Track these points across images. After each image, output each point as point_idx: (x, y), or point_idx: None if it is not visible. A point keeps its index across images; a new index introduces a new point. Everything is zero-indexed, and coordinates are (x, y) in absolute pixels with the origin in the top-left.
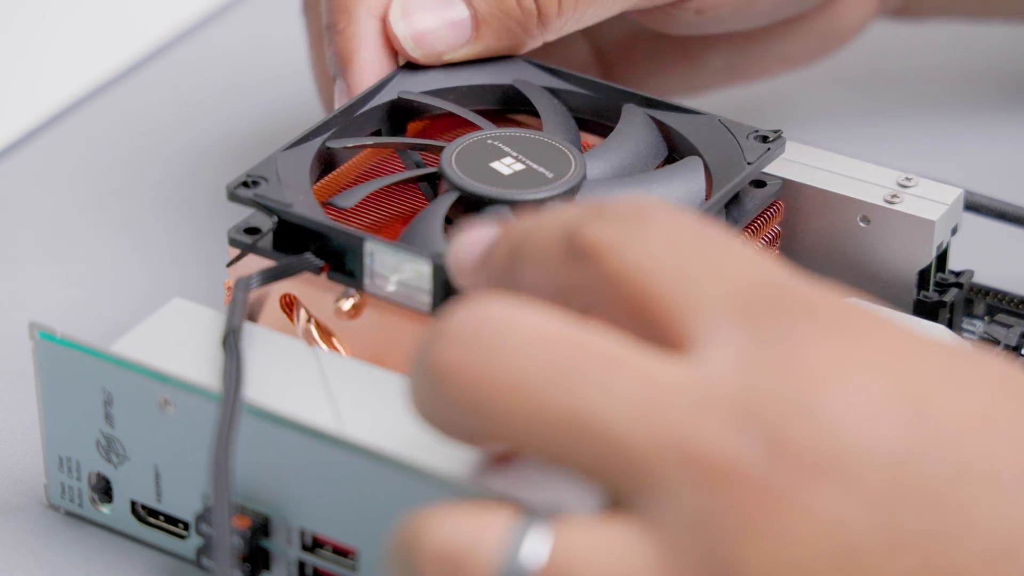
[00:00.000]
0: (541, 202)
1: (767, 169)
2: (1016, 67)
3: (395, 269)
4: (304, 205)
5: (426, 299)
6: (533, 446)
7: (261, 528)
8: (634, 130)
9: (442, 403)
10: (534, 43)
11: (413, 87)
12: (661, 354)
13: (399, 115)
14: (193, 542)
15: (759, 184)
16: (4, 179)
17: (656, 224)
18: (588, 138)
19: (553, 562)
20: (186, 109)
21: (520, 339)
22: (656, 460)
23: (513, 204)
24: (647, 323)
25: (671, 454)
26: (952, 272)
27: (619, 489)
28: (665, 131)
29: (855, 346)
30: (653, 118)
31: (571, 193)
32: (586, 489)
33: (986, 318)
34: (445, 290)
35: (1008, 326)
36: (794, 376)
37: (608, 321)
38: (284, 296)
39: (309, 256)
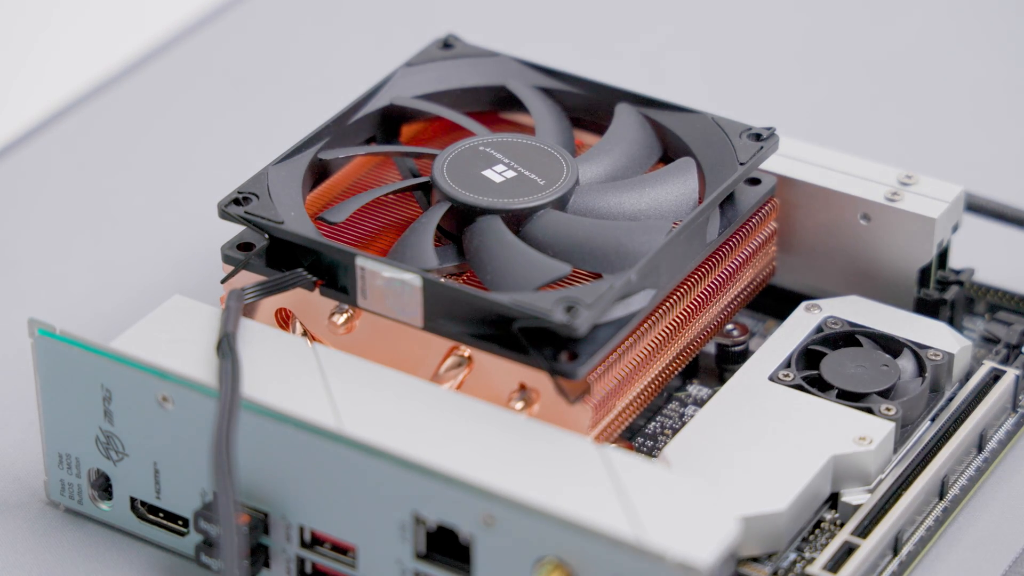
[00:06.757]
0: (533, 210)
1: (764, 165)
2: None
3: (386, 284)
4: (295, 222)
5: (417, 313)
6: None
7: (260, 525)
8: (627, 130)
9: None
10: None
11: (406, 91)
12: None
13: (392, 120)
14: (192, 538)
15: (754, 181)
16: (4, 179)
17: None
18: (582, 136)
19: None
20: (186, 109)
21: None
22: None
23: (505, 213)
24: None
25: None
26: (953, 270)
27: None
28: (658, 130)
29: None
30: (646, 117)
31: (563, 200)
32: None
33: (987, 316)
34: (436, 304)
35: (1008, 324)
36: None
37: None
38: (279, 310)
39: (303, 272)
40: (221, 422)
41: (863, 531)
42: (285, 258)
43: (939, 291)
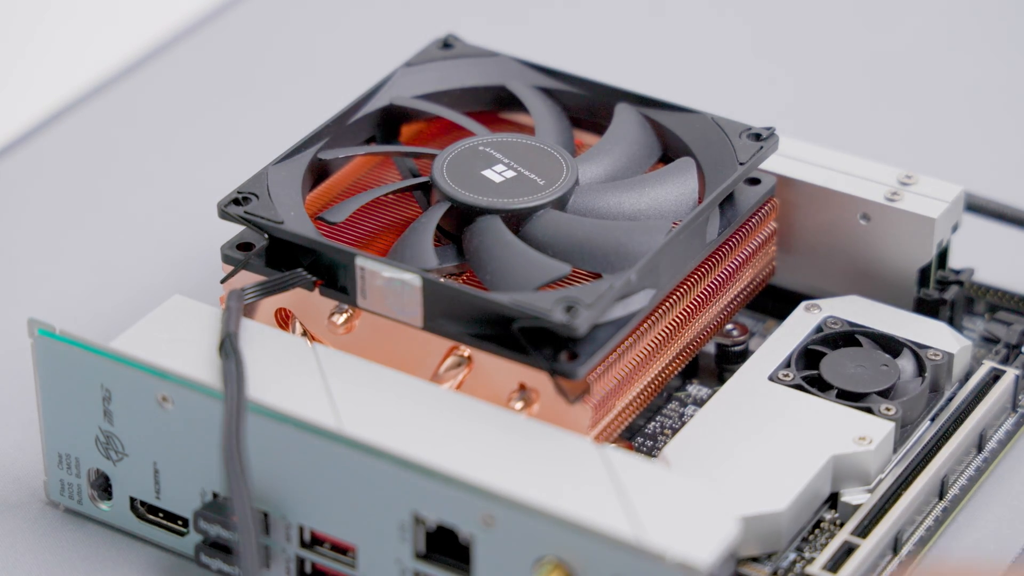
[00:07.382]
0: (533, 210)
1: (764, 165)
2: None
3: (386, 284)
4: (295, 222)
5: (417, 313)
6: None
7: (260, 525)
8: (627, 130)
9: None
10: None
11: (406, 91)
12: None
13: (392, 120)
14: (192, 538)
15: (753, 181)
16: (4, 179)
17: None
18: (582, 136)
19: None
20: (186, 109)
21: None
22: None
23: (504, 213)
24: None
25: None
26: (953, 270)
27: None
28: (658, 130)
29: None
30: (646, 117)
31: (562, 200)
32: None
33: (986, 316)
34: (435, 304)
35: (1008, 324)
36: None
37: None
38: (279, 310)
39: (303, 272)
40: (229, 423)
41: (863, 531)
42: (285, 258)
43: (939, 291)
